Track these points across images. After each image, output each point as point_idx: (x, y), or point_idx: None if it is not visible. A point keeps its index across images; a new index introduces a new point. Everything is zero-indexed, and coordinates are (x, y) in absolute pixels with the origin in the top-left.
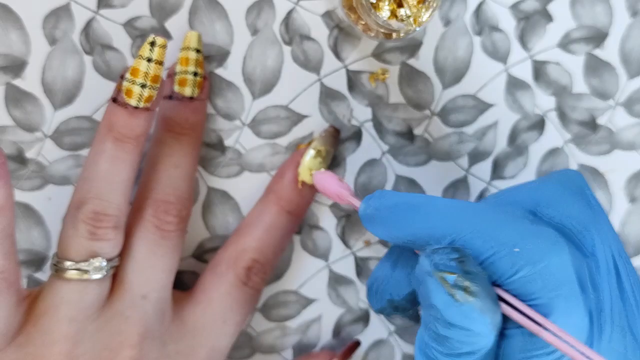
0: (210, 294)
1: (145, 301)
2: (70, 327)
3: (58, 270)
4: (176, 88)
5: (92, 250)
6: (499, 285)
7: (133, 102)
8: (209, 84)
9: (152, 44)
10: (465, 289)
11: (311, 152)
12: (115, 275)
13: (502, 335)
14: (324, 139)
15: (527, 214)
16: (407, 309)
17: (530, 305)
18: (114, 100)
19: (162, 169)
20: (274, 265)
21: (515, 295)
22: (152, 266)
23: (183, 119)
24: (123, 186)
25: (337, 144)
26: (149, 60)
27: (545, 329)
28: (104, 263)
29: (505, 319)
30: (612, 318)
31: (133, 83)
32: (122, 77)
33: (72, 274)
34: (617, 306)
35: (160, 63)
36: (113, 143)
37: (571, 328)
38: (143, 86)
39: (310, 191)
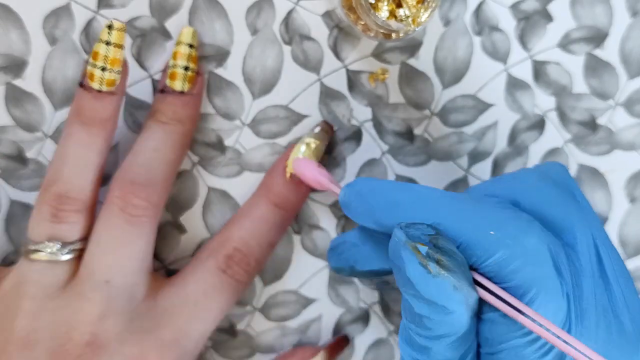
0: (186, 277)
1: (109, 285)
2: (32, 304)
3: (25, 251)
4: (167, 82)
5: (51, 232)
6: (475, 269)
7: (95, 85)
8: (203, 80)
9: (110, 27)
10: (438, 262)
11: (302, 147)
12: (81, 257)
13: (480, 320)
14: (315, 133)
15: (506, 203)
16: (366, 277)
17: (506, 289)
18: (81, 84)
19: (140, 152)
20: (260, 259)
21: (491, 279)
22: (116, 251)
23: (170, 110)
24: (88, 170)
25: (328, 139)
26: (108, 43)
27: (522, 313)
28: (59, 247)
29: (484, 303)
30: (596, 305)
31: (94, 67)
32: (87, 61)
33: (34, 255)
34: (600, 294)
35: (118, 46)
36: (80, 126)
37: (549, 310)
38: (103, 69)
39: (301, 186)
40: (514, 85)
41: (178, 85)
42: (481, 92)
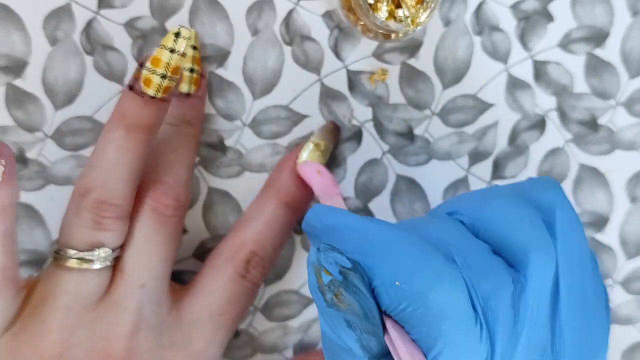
0: (207, 286)
1: (143, 290)
2: (67, 317)
3: (58, 259)
4: None
5: (96, 239)
6: (389, 316)
7: (151, 91)
8: (207, 82)
9: (177, 34)
10: (336, 295)
11: (310, 146)
12: (116, 265)
13: None
14: (322, 133)
15: (457, 230)
16: None
17: (416, 339)
18: (130, 87)
19: (160, 154)
20: (273, 260)
21: (404, 326)
22: (150, 253)
23: (179, 114)
24: (130, 176)
25: (335, 140)
26: (172, 51)
27: None
28: (109, 253)
29: None
30: (530, 345)
31: (153, 73)
32: (141, 65)
33: (73, 262)
34: (539, 334)
35: (182, 55)
36: (124, 132)
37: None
38: (163, 77)
39: (308, 185)
40: (515, 85)
41: (184, 87)
42: (481, 92)
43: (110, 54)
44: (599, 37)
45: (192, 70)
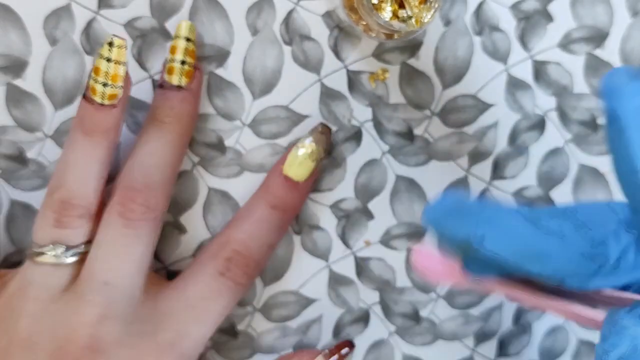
0: (186, 280)
1: (108, 287)
2: (34, 305)
3: (30, 254)
4: (165, 76)
5: (54, 237)
6: None
7: (97, 99)
8: (201, 75)
9: (110, 44)
10: None
11: (299, 149)
12: (83, 260)
13: None
14: (312, 135)
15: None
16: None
17: None
18: (84, 96)
19: (135, 156)
20: (260, 261)
21: None
22: (116, 255)
23: (168, 107)
24: (91, 178)
25: (325, 141)
26: (108, 60)
27: None
28: (63, 250)
29: None
30: None
31: (95, 81)
32: (89, 74)
33: (38, 258)
34: None
35: (119, 62)
36: (82, 135)
37: None
38: (105, 85)
39: (301, 188)
40: (515, 85)
41: (175, 79)
42: (481, 92)
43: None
44: (598, 37)
45: (183, 63)
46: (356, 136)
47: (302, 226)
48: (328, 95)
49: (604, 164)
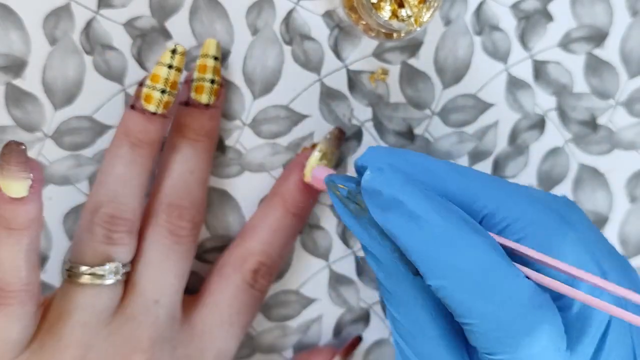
0: (217, 296)
1: (158, 306)
2: (83, 333)
3: (71, 276)
4: (193, 95)
5: (107, 254)
6: None
7: (152, 107)
8: (225, 91)
9: (174, 51)
10: (359, 204)
11: (316, 154)
12: (128, 280)
13: None
14: (329, 140)
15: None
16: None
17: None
18: (132, 107)
19: (178, 175)
20: (279, 267)
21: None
22: (165, 271)
23: (199, 125)
24: (138, 190)
25: (340, 145)
26: (170, 67)
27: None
28: (120, 267)
29: None
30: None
31: (153, 89)
32: (141, 84)
33: (86, 278)
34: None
35: (179, 70)
36: (130, 148)
37: None
38: (163, 92)
39: (314, 193)
40: (515, 84)
41: (205, 98)
42: (482, 92)
43: (110, 53)
44: (598, 36)
45: (212, 82)
46: (356, 136)
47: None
48: (328, 95)
49: (604, 164)
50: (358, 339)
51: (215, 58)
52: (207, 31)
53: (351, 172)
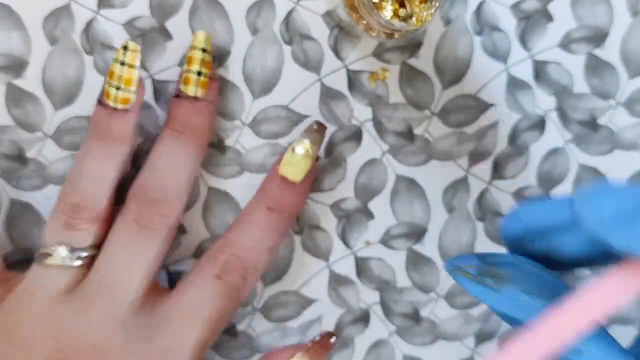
0: (183, 285)
1: (114, 290)
2: (39, 307)
3: (37, 256)
4: (181, 87)
5: (62, 238)
6: None
7: (110, 103)
8: (217, 86)
9: (125, 47)
10: (494, 276)
11: (294, 149)
12: (92, 264)
13: None
14: (307, 134)
15: None
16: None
17: None
18: (99, 101)
19: (151, 166)
20: (259, 265)
21: None
22: (126, 259)
23: (185, 117)
24: (103, 182)
25: (321, 140)
26: (122, 63)
27: None
28: (70, 251)
29: None
30: None
31: (109, 85)
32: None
33: (46, 260)
34: None
35: (132, 66)
36: (96, 142)
37: None
38: (118, 88)
39: (299, 188)
40: (515, 85)
41: (191, 90)
42: (481, 92)
43: (110, 53)
44: (599, 37)
45: (199, 74)
46: (356, 136)
47: (302, 226)
48: (328, 94)
49: (605, 164)
50: (328, 337)
51: (204, 50)
52: (207, 31)
53: (350, 171)
